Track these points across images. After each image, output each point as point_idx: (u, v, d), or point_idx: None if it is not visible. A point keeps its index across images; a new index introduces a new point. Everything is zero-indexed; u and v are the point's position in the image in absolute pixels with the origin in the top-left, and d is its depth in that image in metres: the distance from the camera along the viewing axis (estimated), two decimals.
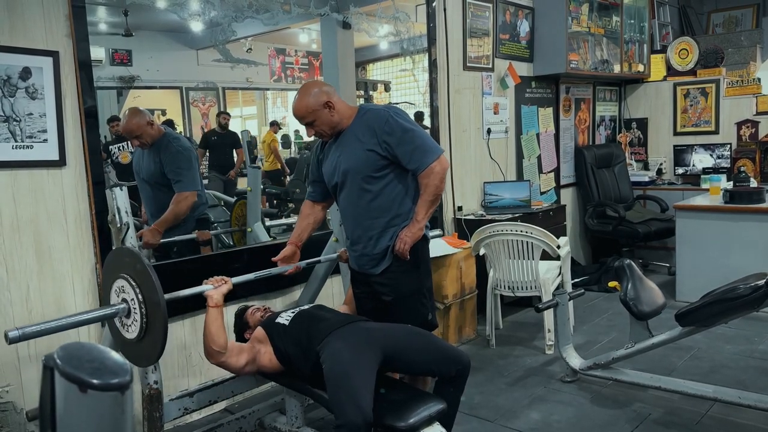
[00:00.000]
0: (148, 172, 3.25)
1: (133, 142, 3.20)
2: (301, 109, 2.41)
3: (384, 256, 2.50)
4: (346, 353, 2.10)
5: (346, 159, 2.45)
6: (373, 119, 2.44)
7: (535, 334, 3.99)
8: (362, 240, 2.52)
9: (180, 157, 3.19)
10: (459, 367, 2.25)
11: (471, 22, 4.29)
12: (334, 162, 2.50)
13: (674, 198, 5.12)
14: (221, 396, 2.59)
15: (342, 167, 2.46)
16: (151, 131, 3.17)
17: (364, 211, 2.48)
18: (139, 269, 1.97)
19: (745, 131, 5.43)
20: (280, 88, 9.63)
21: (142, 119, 3.18)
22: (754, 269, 2.88)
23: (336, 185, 2.53)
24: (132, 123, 3.15)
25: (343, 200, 2.54)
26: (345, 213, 2.58)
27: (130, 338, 2.02)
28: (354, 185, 2.46)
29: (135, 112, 3.26)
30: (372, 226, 2.49)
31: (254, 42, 7.69)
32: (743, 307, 2.62)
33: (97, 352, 0.79)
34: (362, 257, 2.55)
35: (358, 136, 2.43)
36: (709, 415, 2.82)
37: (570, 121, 5.46)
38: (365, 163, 2.42)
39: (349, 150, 2.45)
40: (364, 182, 2.44)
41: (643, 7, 5.74)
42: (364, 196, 2.46)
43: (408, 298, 2.52)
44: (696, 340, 3.53)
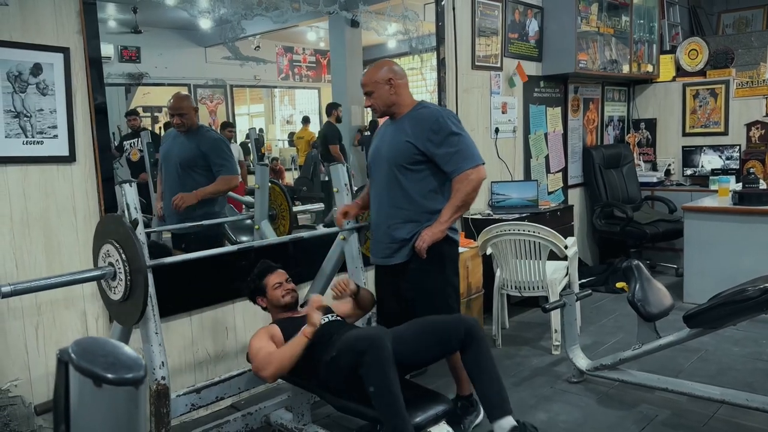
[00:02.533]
0: (181, 155, 3.41)
1: (175, 119, 3.47)
2: (367, 78, 2.57)
3: (399, 248, 2.57)
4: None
5: (387, 145, 2.59)
6: (426, 115, 2.54)
7: (541, 335, 3.98)
8: (381, 227, 2.62)
9: (222, 145, 3.46)
10: (462, 337, 2.25)
11: (480, 21, 4.28)
12: (376, 145, 2.66)
13: (682, 199, 5.09)
14: (228, 392, 2.59)
15: (382, 152, 2.60)
16: (193, 116, 3.45)
17: (390, 199, 2.57)
18: (123, 233, 2.10)
19: (754, 132, 5.40)
20: (287, 86, 9.65)
21: (190, 102, 3.59)
22: (762, 271, 2.87)
23: (370, 167, 2.68)
24: (183, 101, 3.52)
25: (374, 184, 2.66)
26: (373, 197, 2.68)
27: (116, 299, 2.17)
28: (387, 172, 2.56)
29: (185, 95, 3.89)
30: (394, 214, 2.57)
31: (262, 40, 7.70)
32: (752, 309, 2.60)
33: (110, 346, 0.80)
34: (378, 244, 2.65)
35: (405, 127, 2.55)
36: (717, 417, 2.81)
37: (578, 121, 5.45)
38: (401, 153, 2.52)
39: (391, 137, 2.58)
40: (398, 171, 2.54)
41: (652, 7, 5.72)
42: (393, 184, 2.55)
43: (434, 296, 2.56)
44: (703, 342, 3.52)
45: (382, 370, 2.03)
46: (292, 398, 2.63)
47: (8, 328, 2.42)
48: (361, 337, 2.17)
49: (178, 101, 3.52)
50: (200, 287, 2.96)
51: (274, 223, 3.64)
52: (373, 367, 2.03)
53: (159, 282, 2.21)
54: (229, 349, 3.12)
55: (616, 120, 5.95)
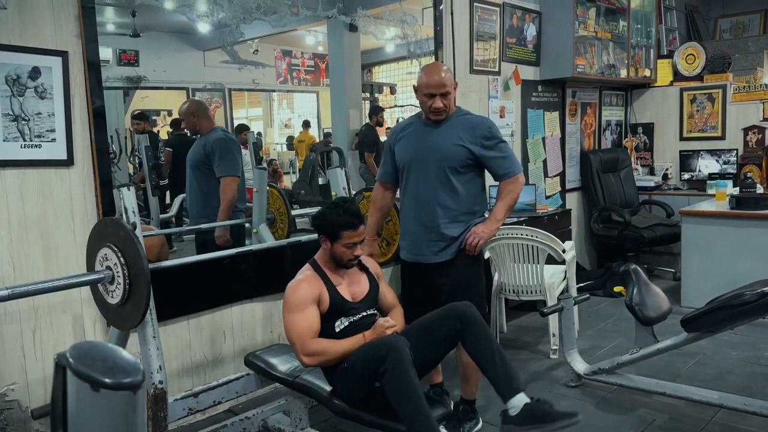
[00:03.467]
0: (191, 157, 3.64)
1: (182, 124, 3.78)
2: (446, 79, 2.59)
3: (447, 246, 2.64)
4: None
5: (437, 146, 2.62)
6: (476, 121, 2.70)
7: (539, 339, 3.98)
8: (427, 225, 2.65)
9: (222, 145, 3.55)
10: (458, 326, 2.25)
11: (478, 25, 4.29)
12: (415, 146, 2.66)
13: (680, 203, 5.10)
14: (225, 396, 2.59)
15: (429, 153, 2.63)
16: (200, 120, 3.61)
17: (438, 199, 2.63)
18: (123, 236, 2.10)
19: (751, 137, 5.41)
20: (286, 90, 9.67)
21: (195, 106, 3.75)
22: (760, 275, 2.87)
23: (410, 166, 2.67)
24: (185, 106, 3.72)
25: (416, 183, 2.67)
26: (410, 196, 2.70)
27: (114, 303, 2.17)
28: (437, 172, 2.61)
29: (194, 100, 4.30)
30: (442, 214, 2.63)
31: (261, 44, 7.73)
32: (749, 313, 2.60)
33: (108, 351, 0.80)
34: (420, 242, 2.67)
35: (455, 131, 2.63)
36: (714, 421, 2.81)
37: (576, 125, 5.46)
38: (455, 156, 2.61)
39: (442, 139, 2.63)
40: (450, 172, 2.61)
41: (650, 12, 5.73)
42: (443, 185, 2.62)
43: (473, 290, 2.67)
44: (701, 346, 3.52)
45: (405, 372, 2.03)
46: (290, 402, 2.63)
47: (5, 332, 2.42)
48: (380, 343, 2.15)
49: (181, 107, 3.76)
50: (198, 290, 2.96)
51: (272, 226, 3.65)
52: (396, 371, 2.02)
53: (156, 285, 2.20)
54: (226, 353, 3.12)
55: (613, 124, 5.96)
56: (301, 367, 2.44)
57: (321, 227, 2.36)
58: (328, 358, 2.22)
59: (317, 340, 2.24)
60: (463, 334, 2.27)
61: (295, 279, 2.35)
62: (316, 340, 2.24)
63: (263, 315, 3.25)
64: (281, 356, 2.57)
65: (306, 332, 2.24)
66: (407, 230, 2.74)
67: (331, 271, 2.39)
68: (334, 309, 2.31)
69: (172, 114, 6.56)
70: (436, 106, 2.58)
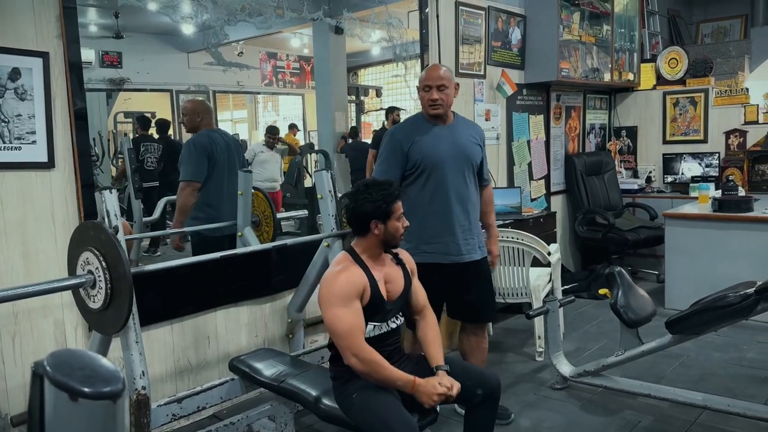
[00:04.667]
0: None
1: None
2: (444, 73, 2.68)
3: (479, 244, 2.79)
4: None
5: (462, 145, 2.71)
6: (474, 125, 2.93)
7: (525, 341, 3.99)
8: (464, 224, 2.72)
9: (184, 148, 3.55)
10: (485, 389, 2.14)
11: (463, 29, 4.29)
12: (443, 144, 2.69)
13: (663, 206, 5.15)
14: (210, 402, 2.56)
15: (460, 150, 2.70)
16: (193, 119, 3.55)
17: (469, 197, 2.74)
18: (104, 240, 2.06)
19: (733, 140, 5.47)
20: (271, 92, 9.63)
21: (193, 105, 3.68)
22: (743, 277, 2.89)
23: (440, 166, 2.67)
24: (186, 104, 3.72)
25: (451, 182, 2.69)
26: (447, 195, 2.70)
27: (96, 308, 2.12)
28: (465, 170, 2.72)
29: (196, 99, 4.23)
30: (472, 211, 2.76)
31: (246, 46, 7.69)
32: (733, 315, 2.63)
33: (88, 359, 0.77)
34: (457, 243, 2.71)
35: (468, 131, 2.78)
36: (699, 422, 2.83)
37: (560, 128, 5.49)
38: (475, 154, 2.75)
39: (464, 139, 2.74)
40: (473, 170, 2.76)
41: (633, 17, 5.79)
42: (470, 184, 2.75)
43: (492, 286, 2.93)
44: (685, 348, 3.55)
45: None
46: (275, 407, 2.60)
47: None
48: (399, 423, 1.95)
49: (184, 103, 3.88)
50: (182, 294, 2.93)
51: (257, 229, 3.62)
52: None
53: (139, 289, 2.17)
54: (210, 357, 3.08)
55: (597, 128, 6.00)
56: (286, 372, 2.42)
57: (371, 213, 2.10)
58: (374, 373, 2.00)
59: (372, 349, 2.01)
60: (484, 402, 2.16)
61: (335, 269, 2.10)
62: (371, 349, 2.01)
63: (248, 319, 3.22)
64: (266, 361, 2.55)
65: (356, 328, 2.01)
66: (443, 231, 2.70)
67: (372, 263, 2.15)
68: (372, 308, 2.09)
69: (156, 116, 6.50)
70: (432, 98, 2.64)
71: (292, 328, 3.26)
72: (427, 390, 2.00)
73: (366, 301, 2.06)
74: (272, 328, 3.32)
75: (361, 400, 2.03)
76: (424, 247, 2.69)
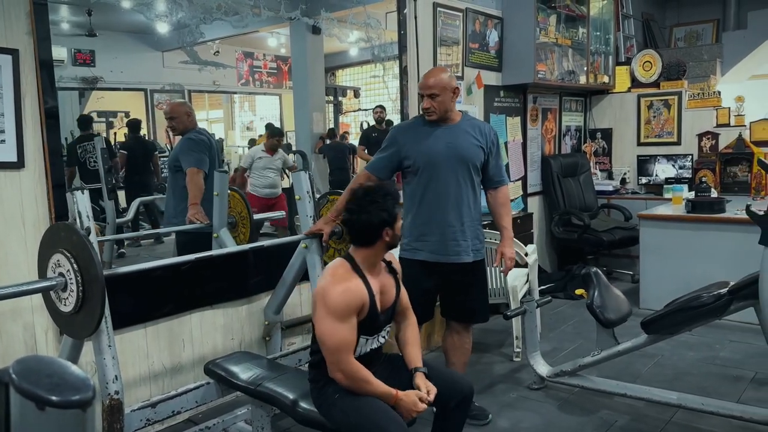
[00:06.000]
0: (169, 158, 3.74)
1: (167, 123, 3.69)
2: (436, 80, 2.67)
3: (475, 246, 2.77)
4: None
5: (460, 146, 2.72)
6: (483, 125, 2.87)
7: (503, 341, 4.00)
8: (453, 225, 2.71)
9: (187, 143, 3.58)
10: (457, 396, 2.13)
11: (441, 30, 4.30)
12: (439, 144, 2.70)
13: (638, 207, 5.21)
14: (185, 406, 2.51)
15: (456, 151, 2.71)
16: (183, 120, 3.60)
17: (465, 198, 2.73)
18: (76, 241, 2.01)
19: (705, 143, 5.56)
20: (247, 92, 9.54)
21: (181, 107, 3.71)
22: (716, 278, 2.94)
23: (433, 165, 2.69)
24: (172, 106, 3.74)
25: (444, 182, 2.70)
26: (434, 196, 2.71)
27: (67, 311, 2.07)
28: (461, 171, 2.71)
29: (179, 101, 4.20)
30: (468, 213, 2.74)
31: (222, 45, 7.61)
32: (707, 315, 2.67)
33: (56, 366, 0.75)
34: (448, 242, 2.71)
35: (470, 132, 2.76)
36: (673, 421, 2.86)
37: (537, 130, 5.53)
38: (476, 155, 2.74)
39: (462, 140, 2.74)
40: (473, 171, 2.74)
41: (608, 20, 5.85)
42: (467, 184, 2.73)
43: (486, 291, 2.97)
44: (660, 348, 3.59)
45: None
46: (252, 411, 2.57)
47: None
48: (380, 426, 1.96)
49: (168, 106, 3.89)
50: (156, 297, 2.88)
51: (234, 231, 3.58)
52: None
53: (111, 292, 2.13)
54: (185, 361, 3.04)
55: (573, 130, 6.05)
56: (263, 375, 2.39)
57: (385, 222, 2.05)
58: (358, 389, 1.99)
59: (359, 365, 2.00)
60: (456, 409, 2.14)
61: (339, 281, 2.01)
62: (358, 365, 2.00)
63: (224, 322, 3.18)
64: (242, 364, 2.52)
65: (347, 345, 1.98)
66: (431, 230, 2.73)
67: (370, 273, 2.09)
68: (367, 324, 2.06)
69: (130, 116, 6.40)
70: (424, 107, 2.70)
71: (269, 330, 3.23)
72: (408, 405, 2.00)
73: (363, 316, 2.02)
74: (249, 330, 3.28)
75: (345, 402, 2.01)
76: (414, 244, 2.75)
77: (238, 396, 2.82)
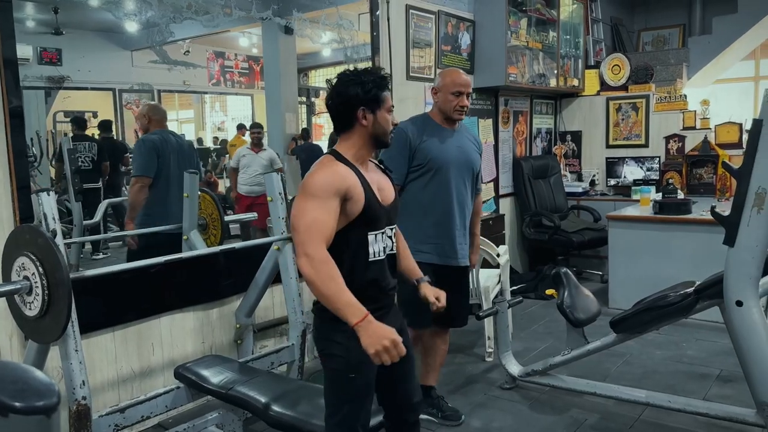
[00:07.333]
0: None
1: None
2: (468, 81, 2.76)
3: (465, 252, 2.82)
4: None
5: (467, 151, 2.79)
6: (472, 134, 2.97)
7: (475, 342, 4.03)
8: (461, 228, 2.76)
9: (136, 147, 3.66)
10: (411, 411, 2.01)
11: (414, 32, 4.31)
12: (451, 148, 2.73)
13: (606, 208, 5.29)
14: (155, 411, 2.47)
15: (465, 156, 2.77)
16: (143, 122, 3.65)
17: (464, 203, 2.78)
18: (41, 244, 1.98)
19: (672, 145, 5.68)
20: (219, 92, 9.44)
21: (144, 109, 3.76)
22: (682, 277, 3.00)
23: (446, 168, 2.70)
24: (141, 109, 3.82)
25: (455, 185, 2.72)
26: (450, 198, 2.73)
27: (32, 315, 2.05)
28: (469, 177, 2.78)
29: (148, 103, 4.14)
30: (465, 218, 2.79)
31: (193, 44, 7.51)
32: (674, 314, 2.72)
33: (20, 371, 0.73)
34: (456, 246, 2.75)
35: (469, 138, 2.86)
36: (642, 419, 2.91)
37: (509, 132, 5.58)
38: (477, 162, 2.83)
39: (467, 146, 2.81)
40: (472, 177, 2.80)
41: (578, 24, 5.94)
42: (467, 189, 2.79)
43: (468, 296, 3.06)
44: (628, 347, 3.65)
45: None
46: (223, 415, 2.55)
47: None
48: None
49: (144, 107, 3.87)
50: (124, 301, 2.83)
51: (204, 233, 3.54)
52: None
53: (78, 296, 2.08)
54: (155, 365, 2.99)
55: (543, 132, 6.13)
56: (235, 379, 2.37)
57: (358, 98, 1.82)
58: (322, 284, 1.68)
59: (328, 255, 1.71)
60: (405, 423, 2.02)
61: (322, 167, 1.81)
62: (329, 257, 1.71)
63: (194, 326, 3.14)
64: (213, 368, 2.48)
65: (320, 226, 1.71)
66: (439, 233, 2.73)
67: (361, 166, 1.86)
68: (368, 214, 1.81)
69: (98, 116, 6.28)
70: (463, 104, 2.70)
71: (240, 333, 3.20)
72: (378, 332, 1.64)
73: (360, 204, 1.78)
74: (220, 333, 3.25)
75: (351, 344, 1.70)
76: (421, 246, 2.63)
77: (209, 400, 2.78)
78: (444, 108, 2.74)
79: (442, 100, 2.74)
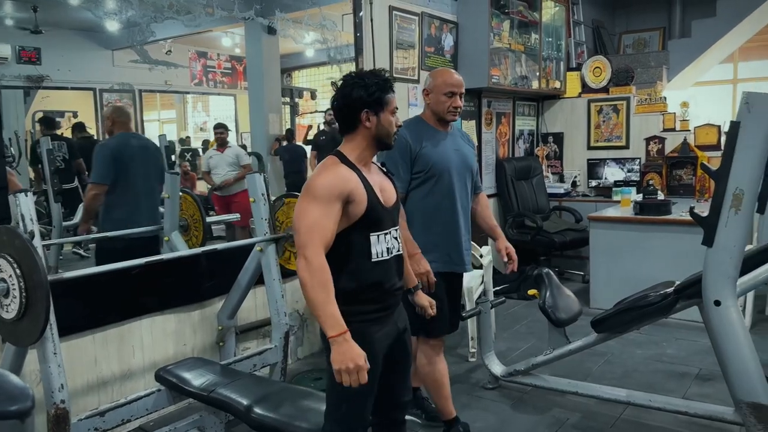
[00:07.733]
0: None
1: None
2: (461, 79, 2.65)
3: (469, 258, 2.76)
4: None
5: (464, 154, 2.71)
6: (463, 132, 2.91)
7: (459, 342, 4.03)
8: (462, 233, 2.68)
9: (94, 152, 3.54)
10: (401, 412, 2.07)
11: (397, 33, 4.32)
12: (450, 152, 2.65)
13: (588, 209, 5.33)
14: (135, 414, 2.44)
15: (464, 160, 2.69)
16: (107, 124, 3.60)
17: (467, 207, 2.72)
18: (19, 246, 1.96)
19: (653, 147, 5.74)
20: (201, 92, 9.39)
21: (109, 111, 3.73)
22: (662, 277, 3.03)
23: (447, 173, 2.62)
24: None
25: (458, 191, 2.65)
26: (448, 204, 2.65)
27: (9, 318, 2.02)
28: (468, 180, 2.72)
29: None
30: (468, 222, 2.73)
31: (174, 44, 7.46)
32: (654, 314, 2.75)
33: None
34: (461, 251, 2.69)
35: (465, 140, 2.79)
36: (623, 418, 2.94)
37: (491, 134, 5.60)
38: (474, 163, 2.76)
39: (464, 147, 2.74)
40: (471, 179, 2.74)
41: (560, 26, 5.98)
42: (468, 192, 2.73)
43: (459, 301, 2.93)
44: (609, 346, 3.68)
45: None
46: (205, 418, 2.53)
47: None
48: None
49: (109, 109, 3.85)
50: (104, 303, 2.80)
51: (185, 234, 3.51)
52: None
53: (57, 298, 2.06)
54: (135, 368, 2.96)
55: (526, 133, 6.16)
56: (216, 381, 2.35)
57: (362, 101, 1.85)
58: (312, 290, 1.71)
59: (327, 265, 1.74)
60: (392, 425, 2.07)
61: (325, 170, 1.84)
62: (326, 264, 1.74)
63: (175, 328, 3.11)
64: (195, 370, 2.46)
65: (321, 229, 1.75)
66: (444, 240, 2.64)
67: (363, 168, 1.89)
68: (371, 215, 1.83)
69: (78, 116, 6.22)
70: (456, 105, 2.59)
71: (222, 335, 3.18)
72: (348, 353, 1.68)
73: (362, 206, 1.81)
74: (201, 336, 3.23)
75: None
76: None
77: (191, 403, 2.76)
78: (437, 109, 2.61)
79: (435, 102, 2.61)
